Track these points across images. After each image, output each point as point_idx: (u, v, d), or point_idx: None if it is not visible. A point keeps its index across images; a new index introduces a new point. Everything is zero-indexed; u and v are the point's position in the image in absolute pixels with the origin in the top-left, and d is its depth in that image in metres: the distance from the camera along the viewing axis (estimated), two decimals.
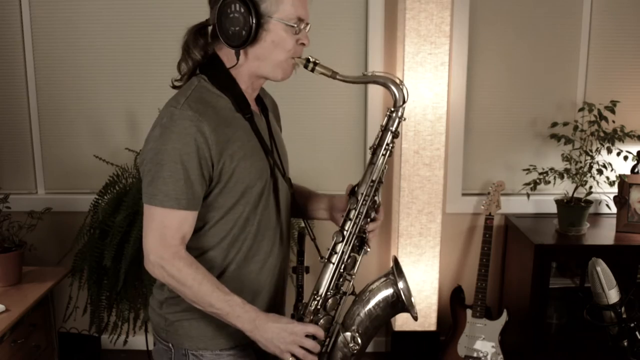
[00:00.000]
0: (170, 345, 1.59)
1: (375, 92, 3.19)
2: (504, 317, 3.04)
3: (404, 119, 1.60)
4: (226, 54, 1.54)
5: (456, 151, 3.28)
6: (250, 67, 1.54)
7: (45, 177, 3.35)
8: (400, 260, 3.12)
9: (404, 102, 1.56)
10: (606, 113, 2.97)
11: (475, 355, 3.04)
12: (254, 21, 1.44)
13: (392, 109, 1.58)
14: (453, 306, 3.17)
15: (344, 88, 3.20)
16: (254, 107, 1.61)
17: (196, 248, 1.54)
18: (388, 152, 1.59)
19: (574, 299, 3.09)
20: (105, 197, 2.87)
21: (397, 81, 1.56)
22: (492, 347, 3.03)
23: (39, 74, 3.24)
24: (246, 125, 1.55)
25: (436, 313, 3.20)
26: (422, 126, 3.01)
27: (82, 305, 2.87)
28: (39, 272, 2.75)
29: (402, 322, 3.18)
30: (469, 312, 3.09)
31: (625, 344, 1.49)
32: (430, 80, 2.97)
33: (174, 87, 1.60)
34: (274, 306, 1.66)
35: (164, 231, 1.45)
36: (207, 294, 1.46)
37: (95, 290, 2.80)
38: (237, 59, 1.51)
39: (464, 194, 3.36)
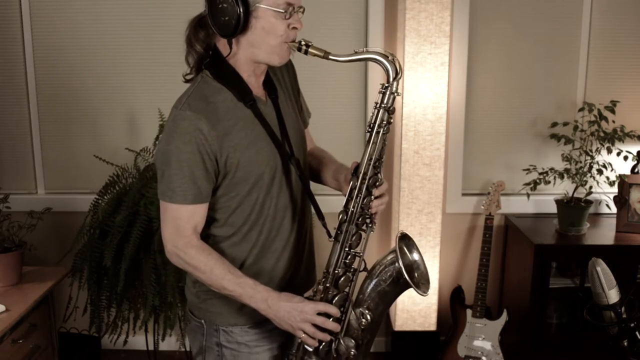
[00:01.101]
0: (203, 321, 1.70)
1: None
2: (504, 317, 3.04)
3: (399, 94, 1.61)
4: (223, 44, 1.58)
5: (456, 151, 3.28)
6: (246, 54, 1.57)
7: (45, 177, 3.35)
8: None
9: (396, 75, 1.57)
10: (606, 113, 2.97)
11: (475, 355, 3.04)
12: (241, 10, 1.48)
13: (386, 84, 1.59)
14: (453, 306, 3.17)
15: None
16: (259, 92, 1.64)
17: (219, 235, 1.63)
18: (384, 129, 1.60)
19: (574, 299, 3.09)
20: (105, 197, 2.87)
21: (388, 55, 1.57)
22: (492, 347, 3.03)
23: (39, 74, 3.24)
24: (249, 114, 1.59)
25: (436, 313, 3.20)
26: (422, 126, 3.01)
27: (82, 305, 2.87)
28: (39, 272, 2.75)
29: (402, 322, 3.18)
30: (469, 312, 3.09)
31: (625, 344, 1.49)
32: (430, 80, 2.97)
33: (185, 81, 1.65)
34: (293, 281, 1.72)
35: (176, 223, 1.56)
36: (219, 278, 1.56)
37: (95, 290, 2.80)
38: (230, 48, 1.56)
39: (464, 194, 3.36)
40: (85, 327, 3.07)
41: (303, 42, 1.55)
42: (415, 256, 1.67)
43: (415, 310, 3.16)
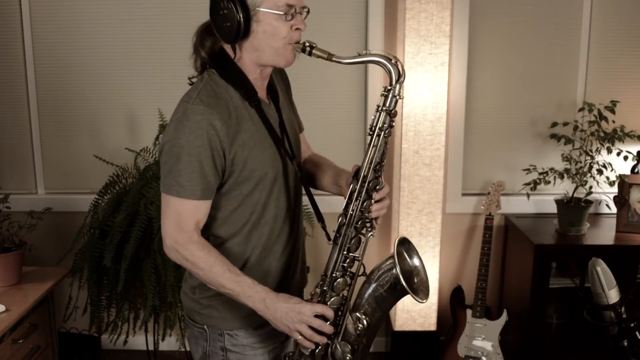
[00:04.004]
0: (205, 327, 1.68)
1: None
2: (504, 317, 3.04)
3: (401, 97, 1.58)
4: (229, 48, 1.59)
5: (456, 151, 3.28)
6: (251, 58, 1.58)
7: (45, 177, 3.35)
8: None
9: (399, 77, 1.55)
10: (606, 113, 2.97)
11: (475, 355, 3.04)
12: (241, 15, 1.48)
13: (388, 87, 1.57)
14: (453, 306, 3.17)
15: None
16: (263, 95, 1.65)
17: (220, 236, 1.63)
18: (385, 132, 1.58)
19: (574, 299, 3.09)
20: (105, 197, 2.87)
21: (391, 58, 1.56)
22: (492, 347, 3.03)
23: (39, 74, 3.24)
24: (254, 114, 1.59)
25: (436, 313, 3.20)
26: (422, 126, 3.01)
27: (82, 305, 2.87)
28: (39, 272, 2.75)
29: (402, 322, 3.18)
30: (469, 312, 3.09)
31: (625, 344, 1.49)
32: (430, 80, 2.97)
33: (191, 83, 1.65)
34: (290, 282, 1.73)
35: (179, 218, 1.55)
36: (218, 275, 1.55)
37: (95, 290, 2.81)
38: (235, 53, 1.57)
39: (464, 194, 3.36)
40: (85, 327, 3.07)
41: (307, 44, 1.55)
42: (416, 262, 1.64)
43: (415, 310, 3.16)
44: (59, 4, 3.16)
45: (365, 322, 1.60)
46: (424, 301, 1.60)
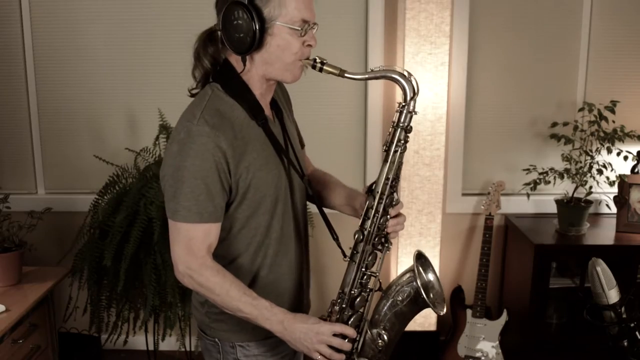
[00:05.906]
0: (217, 340, 1.66)
1: (375, 92, 3.19)
2: (504, 317, 3.04)
3: (416, 113, 1.57)
4: (236, 60, 1.54)
5: (456, 151, 3.28)
6: (259, 71, 1.54)
7: (45, 177, 3.35)
8: (400, 260, 3.13)
9: (414, 94, 1.55)
10: (606, 113, 2.97)
11: (475, 355, 3.04)
12: (257, 27, 1.45)
13: (403, 104, 1.56)
14: (453, 306, 3.17)
15: (343, 89, 3.21)
16: (268, 111, 1.61)
17: (224, 257, 1.59)
18: (401, 148, 1.58)
19: (574, 299, 3.09)
20: (105, 197, 2.87)
21: (405, 74, 1.54)
22: (492, 347, 3.03)
23: (39, 74, 3.24)
24: (261, 133, 1.56)
25: None
26: (422, 126, 3.01)
27: (82, 305, 2.87)
28: (39, 272, 2.75)
29: None
30: (469, 312, 3.09)
31: (625, 344, 1.49)
32: (430, 80, 2.97)
33: (191, 95, 1.60)
34: (301, 303, 1.71)
35: (190, 243, 1.50)
36: (234, 300, 1.50)
37: (95, 290, 2.81)
38: (244, 65, 1.52)
39: (464, 194, 3.36)
40: (85, 327, 3.07)
41: (318, 60, 1.52)
42: (430, 276, 1.65)
43: None
44: (59, 4, 3.16)
45: (385, 337, 1.59)
46: (443, 313, 1.61)
